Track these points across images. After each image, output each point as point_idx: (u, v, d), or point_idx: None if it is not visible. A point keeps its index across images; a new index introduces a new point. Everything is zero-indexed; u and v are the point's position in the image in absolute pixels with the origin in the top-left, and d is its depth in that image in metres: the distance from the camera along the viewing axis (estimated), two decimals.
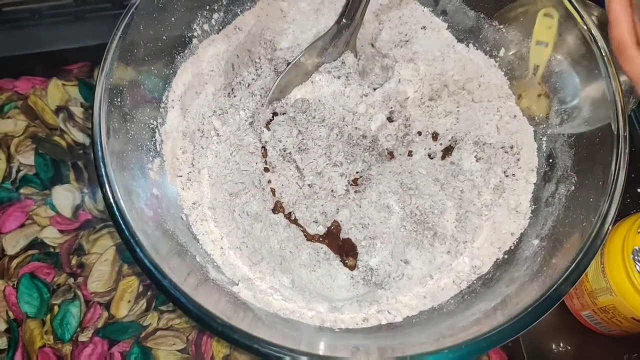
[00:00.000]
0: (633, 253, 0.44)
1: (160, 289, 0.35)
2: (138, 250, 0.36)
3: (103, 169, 0.37)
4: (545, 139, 0.48)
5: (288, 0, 0.53)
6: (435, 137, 0.51)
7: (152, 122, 0.46)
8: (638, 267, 0.43)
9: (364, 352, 0.37)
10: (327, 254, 0.46)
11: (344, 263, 0.46)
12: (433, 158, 0.50)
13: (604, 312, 0.47)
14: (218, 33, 0.51)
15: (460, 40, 0.53)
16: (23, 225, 0.52)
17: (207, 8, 0.49)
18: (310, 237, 0.47)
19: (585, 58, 0.44)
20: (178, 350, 0.49)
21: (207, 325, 0.34)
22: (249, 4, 0.52)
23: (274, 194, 0.49)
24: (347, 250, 0.47)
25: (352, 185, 0.49)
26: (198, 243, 0.45)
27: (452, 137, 0.50)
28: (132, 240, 0.36)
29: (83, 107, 0.57)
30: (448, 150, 0.50)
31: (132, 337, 0.49)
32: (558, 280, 0.36)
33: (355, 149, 0.50)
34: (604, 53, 0.42)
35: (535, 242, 0.44)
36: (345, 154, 0.49)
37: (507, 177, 0.48)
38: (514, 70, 0.51)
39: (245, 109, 0.50)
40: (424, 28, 0.54)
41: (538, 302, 0.36)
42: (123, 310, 0.50)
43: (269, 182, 0.49)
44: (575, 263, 0.37)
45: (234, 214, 0.46)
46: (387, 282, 0.45)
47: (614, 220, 0.38)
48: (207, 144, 0.49)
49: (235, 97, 0.51)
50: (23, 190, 0.53)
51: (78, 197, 0.54)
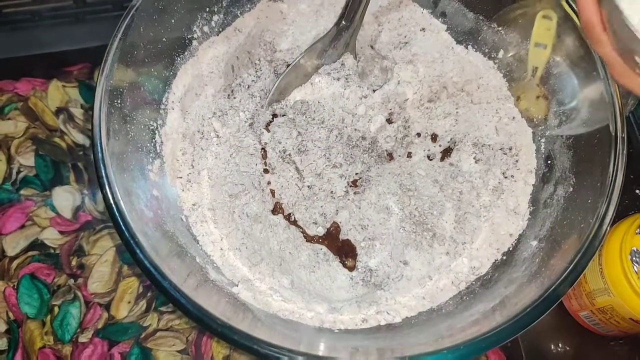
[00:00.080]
0: (631, 254, 0.44)
1: (160, 290, 0.35)
2: (138, 252, 0.36)
3: (103, 170, 0.37)
4: (544, 141, 0.48)
5: (288, 2, 0.53)
6: (435, 138, 0.51)
7: (152, 123, 0.46)
8: (636, 268, 0.43)
9: (363, 352, 0.38)
10: (326, 255, 0.46)
11: (344, 264, 0.46)
12: (432, 159, 0.51)
13: (602, 312, 0.47)
14: (218, 35, 0.51)
15: (460, 42, 0.53)
16: (23, 227, 0.52)
17: (207, 10, 0.49)
18: (310, 238, 0.47)
19: (584, 60, 0.45)
20: (178, 351, 0.49)
21: (206, 326, 0.34)
22: (249, 6, 0.52)
23: (274, 195, 0.49)
24: (346, 252, 0.47)
25: (351, 187, 0.49)
26: (198, 244, 0.45)
27: (451, 138, 0.50)
28: (132, 242, 0.36)
29: (83, 108, 0.57)
30: (447, 152, 0.51)
31: (132, 338, 0.49)
32: (556, 281, 0.36)
33: (355, 151, 0.50)
34: None
35: (534, 243, 0.44)
36: (345, 156, 0.49)
37: (505, 178, 0.48)
38: (513, 72, 0.51)
39: (245, 111, 0.50)
40: (423, 30, 0.54)
41: (536, 302, 0.36)
42: (123, 311, 0.50)
43: (269, 183, 0.49)
44: (574, 264, 0.37)
45: (234, 215, 0.46)
46: (386, 283, 0.45)
47: (612, 222, 0.38)
48: (207, 146, 0.49)
49: (235, 98, 0.51)
50: (23, 192, 0.53)
51: (78, 198, 0.53)
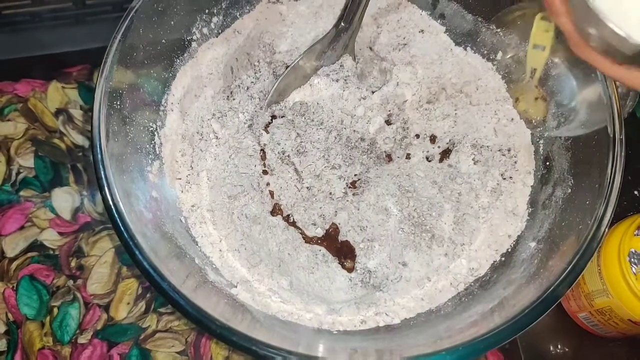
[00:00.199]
0: (629, 255, 0.44)
1: (159, 291, 0.35)
2: (137, 253, 0.36)
3: (102, 172, 0.38)
4: (542, 142, 0.48)
5: (287, 4, 0.54)
6: (433, 139, 0.51)
7: (151, 125, 0.46)
8: (634, 269, 0.43)
9: (362, 354, 0.38)
10: (325, 256, 0.46)
11: (342, 265, 0.46)
12: (431, 161, 0.51)
13: (601, 314, 0.47)
14: (217, 36, 0.51)
15: (458, 44, 0.53)
16: (23, 228, 0.52)
17: (206, 12, 0.49)
18: (309, 239, 0.48)
19: (582, 62, 0.44)
20: (177, 352, 0.49)
21: (205, 327, 0.34)
22: (248, 8, 0.52)
23: (273, 197, 0.49)
24: (345, 253, 0.47)
25: (350, 188, 0.49)
26: (197, 245, 0.45)
27: (450, 139, 0.51)
28: (131, 243, 0.36)
29: (83, 109, 0.57)
30: (446, 153, 0.51)
31: (131, 339, 0.49)
32: (555, 282, 0.36)
33: (354, 152, 0.50)
34: None
35: (532, 244, 0.44)
36: (344, 157, 0.49)
37: (504, 179, 0.48)
38: (512, 74, 0.51)
39: (244, 112, 0.51)
40: (422, 31, 0.54)
41: (535, 304, 0.36)
42: (122, 312, 0.50)
43: (268, 184, 0.49)
44: (572, 265, 0.37)
45: (233, 217, 0.46)
46: (385, 284, 0.45)
47: (611, 223, 0.38)
48: (206, 147, 0.49)
49: (234, 100, 0.51)
50: (23, 193, 0.53)
51: (77, 199, 0.53)
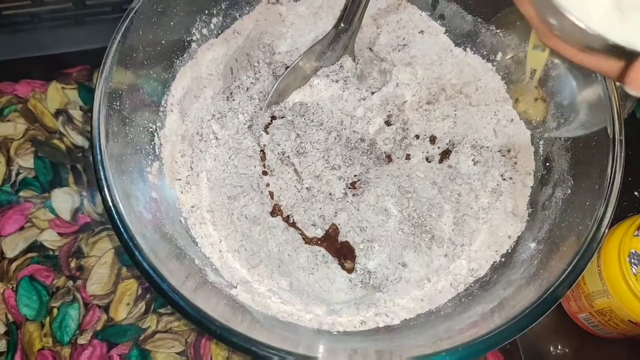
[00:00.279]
0: (629, 256, 0.44)
1: (159, 292, 0.35)
2: (137, 253, 0.36)
3: (102, 173, 0.37)
4: (542, 143, 0.48)
5: (287, 5, 0.54)
6: (433, 140, 0.51)
7: (151, 125, 0.46)
8: (634, 270, 0.43)
9: (362, 354, 0.38)
10: (325, 257, 0.46)
11: (342, 266, 0.46)
12: (431, 161, 0.51)
13: (601, 314, 0.47)
14: (217, 37, 0.51)
15: (458, 45, 0.53)
16: (22, 228, 0.52)
17: (206, 12, 0.49)
18: (309, 240, 0.48)
19: None
20: (177, 353, 0.49)
21: (205, 328, 0.34)
22: (248, 8, 0.52)
23: (273, 197, 0.49)
24: (345, 253, 0.47)
25: (350, 189, 0.49)
26: (197, 246, 0.45)
27: (449, 140, 0.51)
28: (130, 243, 0.36)
29: (82, 110, 0.57)
30: (446, 154, 0.51)
31: (131, 339, 0.49)
32: (555, 283, 0.36)
33: (353, 153, 0.50)
34: None
35: (532, 245, 0.44)
36: (344, 158, 0.49)
37: (504, 180, 0.48)
38: (511, 74, 0.51)
39: (244, 113, 0.51)
40: (422, 32, 0.54)
41: (535, 304, 0.36)
42: (122, 313, 0.50)
43: (268, 185, 0.49)
44: (572, 266, 0.37)
45: (233, 217, 0.46)
46: (384, 285, 0.45)
47: (611, 224, 0.38)
48: (205, 148, 0.49)
49: (234, 100, 0.51)
50: (22, 193, 0.53)
51: (77, 200, 0.53)
